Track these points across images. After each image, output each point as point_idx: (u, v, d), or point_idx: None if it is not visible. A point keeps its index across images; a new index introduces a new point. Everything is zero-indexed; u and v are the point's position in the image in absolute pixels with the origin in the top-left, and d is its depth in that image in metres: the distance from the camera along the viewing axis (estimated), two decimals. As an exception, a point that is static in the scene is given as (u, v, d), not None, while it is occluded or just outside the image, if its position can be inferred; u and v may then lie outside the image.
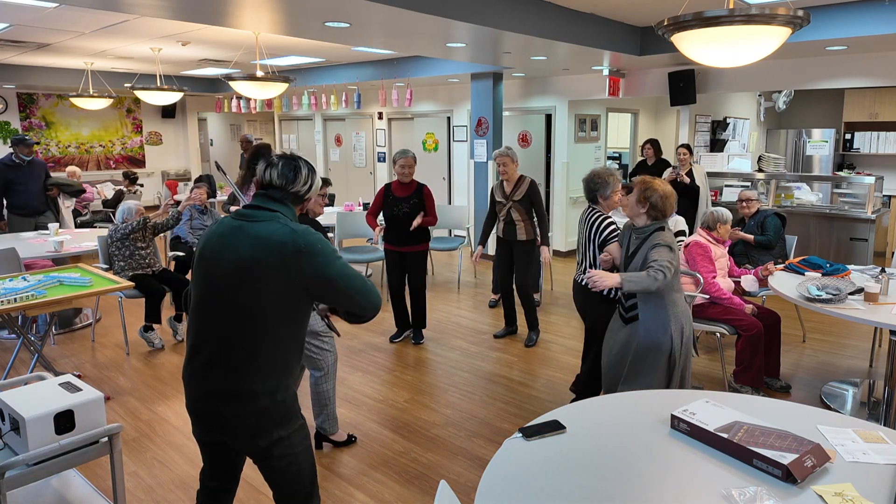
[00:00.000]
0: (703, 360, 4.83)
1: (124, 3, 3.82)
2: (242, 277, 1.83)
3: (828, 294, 3.54)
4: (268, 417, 1.90)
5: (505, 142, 8.66)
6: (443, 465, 3.33)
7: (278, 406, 1.92)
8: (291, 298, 1.86)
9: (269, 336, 1.87)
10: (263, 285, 1.83)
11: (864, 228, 6.40)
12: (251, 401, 1.87)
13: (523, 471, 1.80)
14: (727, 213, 4.35)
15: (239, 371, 1.86)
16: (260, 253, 1.82)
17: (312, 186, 2.02)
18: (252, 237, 1.85)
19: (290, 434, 1.96)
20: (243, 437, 1.91)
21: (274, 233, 1.85)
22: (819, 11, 5.05)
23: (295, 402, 2.01)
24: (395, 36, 5.04)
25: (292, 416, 1.97)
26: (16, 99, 10.21)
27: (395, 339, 5.25)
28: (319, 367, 3.34)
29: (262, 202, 1.95)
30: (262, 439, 1.91)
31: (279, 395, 1.92)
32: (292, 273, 1.83)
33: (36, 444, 2.20)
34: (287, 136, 12.76)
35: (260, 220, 1.89)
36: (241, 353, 1.86)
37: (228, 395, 1.88)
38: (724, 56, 2.83)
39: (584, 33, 5.38)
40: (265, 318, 1.85)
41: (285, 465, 1.97)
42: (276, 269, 1.82)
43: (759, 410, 2.16)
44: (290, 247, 1.83)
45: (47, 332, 4.76)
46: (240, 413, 1.88)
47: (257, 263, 1.82)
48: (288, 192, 1.98)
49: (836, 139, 9.68)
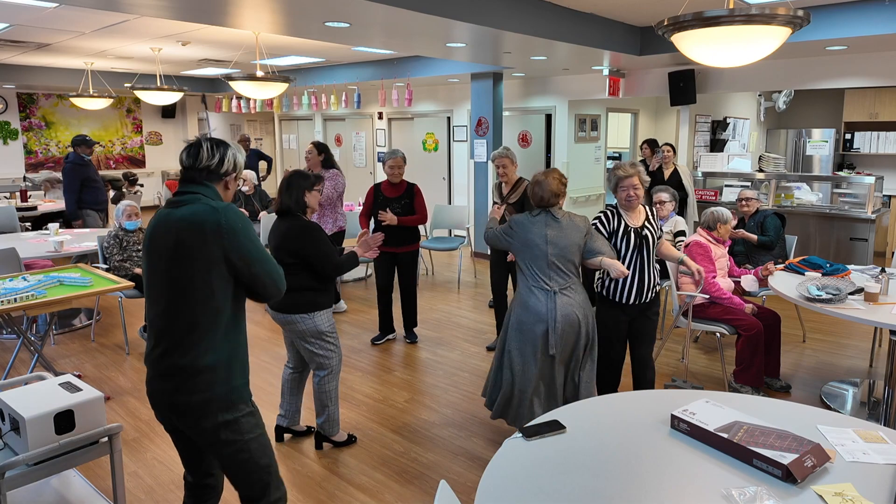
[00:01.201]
0: (703, 360, 4.83)
1: (124, 3, 3.82)
2: (173, 258, 1.94)
3: (828, 294, 3.54)
4: (212, 397, 1.96)
5: (505, 142, 8.66)
6: (443, 465, 3.33)
7: (222, 386, 1.97)
8: (218, 273, 1.95)
9: (205, 310, 1.95)
10: (192, 262, 1.92)
11: (864, 228, 6.40)
12: (193, 377, 1.94)
13: (523, 471, 1.80)
14: (727, 213, 4.35)
15: (179, 347, 1.95)
16: (184, 234, 1.92)
17: (224, 161, 2.06)
18: (178, 219, 1.95)
19: (236, 419, 2.00)
20: (189, 417, 1.96)
21: (196, 212, 1.94)
22: (819, 11, 5.05)
23: (245, 389, 2.05)
24: (395, 36, 5.04)
25: (239, 400, 2.02)
26: (16, 99, 10.22)
27: (377, 341, 5.19)
28: (324, 367, 3.34)
29: (184, 187, 2.04)
30: (207, 420, 1.96)
31: (222, 374, 1.97)
32: (215, 248, 1.93)
33: (36, 444, 2.20)
34: (287, 136, 12.76)
35: (184, 203, 1.98)
36: (179, 329, 1.95)
37: (173, 372, 1.95)
38: (724, 56, 2.83)
39: (584, 33, 5.38)
40: (197, 293, 1.94)
41: (233, 451, 2.01)
42: (199, 245, 1.92)
43: (759, 410, 2.16)
44: (212, 223, 1.92)
45: (47, 332, 4.76)
46: (183, 390, 1.94)
47: (183, 243, 1.92)
48: (199, 169, 2.03)
49: (836, 139, 9.68)
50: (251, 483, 2.07)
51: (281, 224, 3.22)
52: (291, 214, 3.22)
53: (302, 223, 3.18)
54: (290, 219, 3.21)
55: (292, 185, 3.22)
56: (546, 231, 3.18)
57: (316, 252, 3.14)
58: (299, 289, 3.19)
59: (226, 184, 2.09)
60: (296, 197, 3.21)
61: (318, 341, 3.28)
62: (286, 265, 3.16)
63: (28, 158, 10.39)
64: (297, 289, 3.19)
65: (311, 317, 3.21)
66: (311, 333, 3.24)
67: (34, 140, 10.44)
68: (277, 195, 3.27)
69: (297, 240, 3.14)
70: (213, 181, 2.05)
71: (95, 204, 6.70)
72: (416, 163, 10.00)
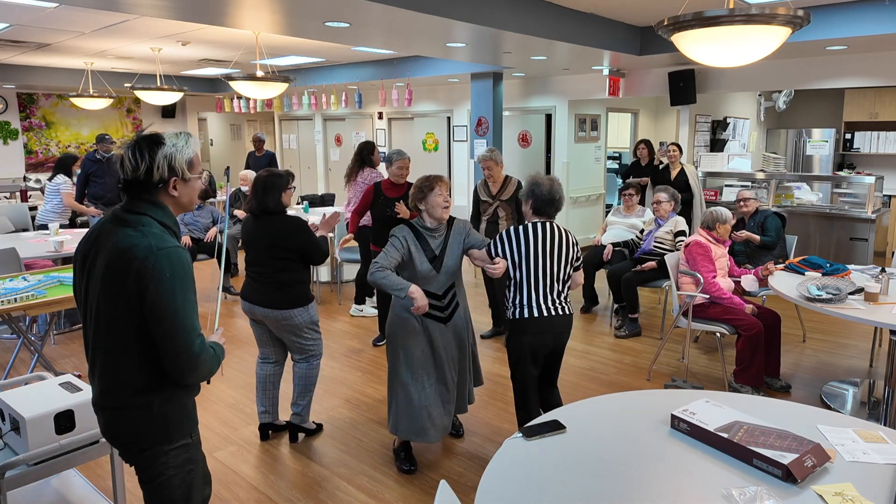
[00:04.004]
0: (703, 360, 4.83)
1: (124, 3, 3.83)
2: (102, 287, 1.71)
3: (828, 294, 3.54)
4: (139, 429, 1.76)
5: (505, 142, 8.66)
6: (443, 465, 3.33)
7: (154, 419, 1.76)
8: (139, 314, 1.68)
9: (128, 348, 1.71)
10: (116, 295, 1.68)
11: (864, 228, 6.40)
12: (121, 411, 1.76)
13: (523, 471, 1.80)
14: (727, 213, 4.35)
15: (105, 379, 1.76)
16: (114, 262, 1.68)
17: (154, 168, 1.72)
18: (113, 244, 1.70)
19: (166, 451, 1.80)
20: (118, 446, 1.82)
21: (128, 243, 1.67)
22: (819, 11, 5.05)
23: (179, 414, 1.81)
24: (395, 36, 5.04)
25: (172, 431, 1.79)
26: (16, 99, 10.21)
27: (378, 342, 5.20)
28: (314, 354, 3.49)
29: (129, 203, 1.75)
30: (131, 451, 1.80)
31: (155, 407, 1.76)
32: (137, 289, 1.66)
33: (36, 444, 2.20)
34: (287, 136, 12.76)
35: (126, 224, 1.72)
36: (108, 363, 1.74)
37: (101, 406, 1.80)
38: (724, 56, 2.83)
39: (584, 33, 5.38)
40: (121, 330, 1.70)
41: (156, 486, 1.82)
42: (123, 282, 1.66)
43: (759, 410, 2.16)
44: (138, 262, 1.65)
45: (47, 332, 4.76)
46: (112, 421, 1.78)
47: (109, 273, 1.69)
48: (130, 183, 1.73)
49: (836, 139, 9.69)
50: None
51: (268, 223, 3.28)
52: (274, 213, 3.30)
53: (292, 219, 3.30)
54: (276, 217, 3.29)
55: (270, 186, 3.29)
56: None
57: (311, 244, 3.28)
58: (294, 283, 3.29)
59: (168, 191, 1.76)
60: (275, 198, 3.29)
61: (310, 332, 3.41)
62: (284, 261, 3.26)
63: (28, 158, 10.39)
64: (292, 283, 3.29)
65: (307, 309, 3.35)
66: (306, 325, 3.37)
67: (34, 140, 10.44)
68: (252, 196, 3.32)
69: (295, 235, 3.25)
70: (152, 193, 1.74)
71: (94, 198, 6.98)
72: (417, 163, 9.99)
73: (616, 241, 5.72)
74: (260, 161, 9.03)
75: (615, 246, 5.62)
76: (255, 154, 9.09)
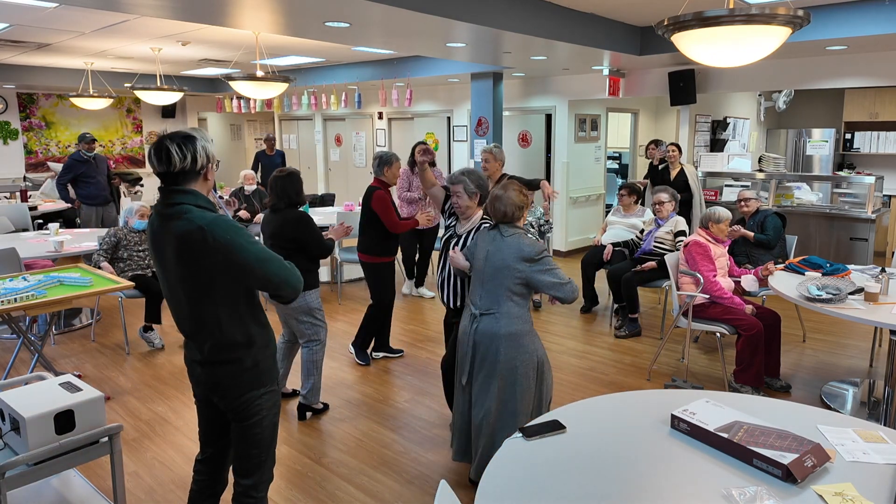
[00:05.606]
0: (703, 360, 4.83)
1: (124, 3, 3.83)
2: (180, 274, 2.02)
3: (828, 294, 3.54)
4: (241, 377, 2.10)
5: (505, 142, 8.66)
6: (443, 465, 3.33)
7: (249, 368, 2.10)
8: (223, 279, 2.00)
9: (224, 303, 2.04)
10: (196, 273, 1.99)
11: (864, 228, 6.40)
12: (227, 361, 2.09)
13: (523, 471, 1.80)
14: (722, 212, 4.34)
15: (210, 337, 2.07)
16: (181, 251, 1.98)
17: (197, 157, 2.01)
18: (174, 238, 1.98)
19: (261, 395, 2.14)
20: (219, 395, 2.12)
21: (186, 232, 1.96)
22: (819, 11, 5.05)
23: (273, 370, 2.20)
24: (395, 36, 5.04)
25: (264, 378, 2.15)
26: (16, 99, 10.21)
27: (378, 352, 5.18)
28: (314, 340, 3.78)
29: (169, 197, 2.02)
30: (230, 397, 2.11)
31: (248, 361, 2.10)
32: (215, 260, 1.96)
33: (36, 444, 2.20)
34: (287, 136, 12.76)
35: (174, 217, 1.99)
36: (205, 328, 2.06)
37: (212, 359, 2.10)
38: (724, 56, 2.83)
39: (584, 33, 5.38)
40: (213, 298, 2.03)
41: (251, 424, 2.15)
42: (198, 258, 1.97)
43: (759, 410, 2.16)
44: (199, 243, 1.95)
45: (47, 332, 4.76)
46: (215, 374, 2.10)
47: (181, 258, 1.99)
48: (174, 174, 2.01)
49: (836, 139, 9.68)
50: (250, 457, 2.18)
51: (275, 217, 3.66)
52: (285, 209, 3.65)
53: (295, 214, 3.62)
54: (286, 211, 3.64)
55: (294, 179, 3.68)
56: (489, 247, 2.88)
57: (311, 237, 3.60)
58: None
59: (205, 176, 2.08)
60: (296, 188, 3.68)
61: (309, 318, 3.72)
62: (283, 250, 3.56)
63: (28, 158, 10.38)
64: None
65: (303, 295, 3.65)
66: (303, 310, 3.69)
67: (34, 140, 10.44)
68: (272, 192, 3.68)
69: (294, 228, 3.58)
70: (191, 181, 2.04)
71: (88, 199, 7.00)
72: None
73: (616, 241, 5.73)
74: (273, 160, 9.04)
75: (615, 246, 5.62)
76: (266, 153, 9.11)
